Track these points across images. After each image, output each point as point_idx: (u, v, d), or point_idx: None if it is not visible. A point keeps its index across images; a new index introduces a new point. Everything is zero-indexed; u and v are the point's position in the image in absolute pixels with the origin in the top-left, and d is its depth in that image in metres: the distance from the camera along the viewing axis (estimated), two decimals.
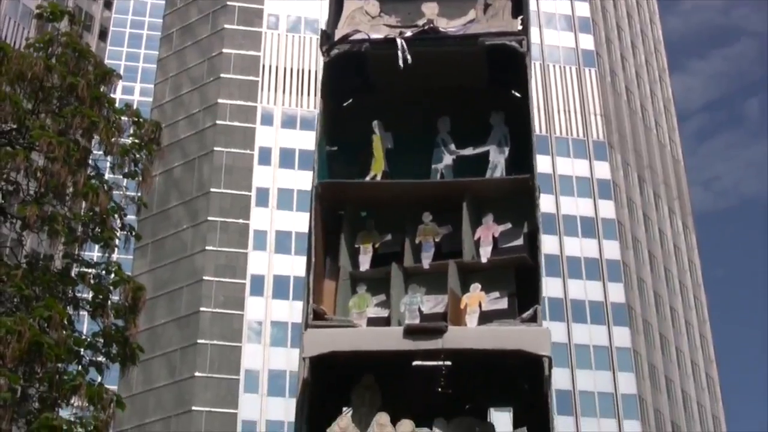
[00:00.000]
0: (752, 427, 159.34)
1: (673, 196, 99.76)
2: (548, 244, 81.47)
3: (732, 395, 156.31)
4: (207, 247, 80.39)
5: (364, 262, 10.59)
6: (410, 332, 9.59)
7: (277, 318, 76.41)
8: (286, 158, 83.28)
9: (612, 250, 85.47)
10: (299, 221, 70.82)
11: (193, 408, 76.18)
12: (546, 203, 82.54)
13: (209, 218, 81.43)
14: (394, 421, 9.72)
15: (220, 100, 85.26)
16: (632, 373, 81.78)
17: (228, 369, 77.43)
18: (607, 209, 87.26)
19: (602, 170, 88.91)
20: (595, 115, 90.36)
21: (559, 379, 78.07)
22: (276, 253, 79.78)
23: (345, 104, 11.47)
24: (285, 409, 69.84)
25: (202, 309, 79.18)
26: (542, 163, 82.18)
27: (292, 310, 74.90)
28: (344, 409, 10.25)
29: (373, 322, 10.14)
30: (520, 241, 10.49)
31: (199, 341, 78.14)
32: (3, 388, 14.52)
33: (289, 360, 71.16)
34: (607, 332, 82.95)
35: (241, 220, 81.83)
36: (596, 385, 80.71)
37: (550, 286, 79.55)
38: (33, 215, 16.94)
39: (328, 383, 10.02)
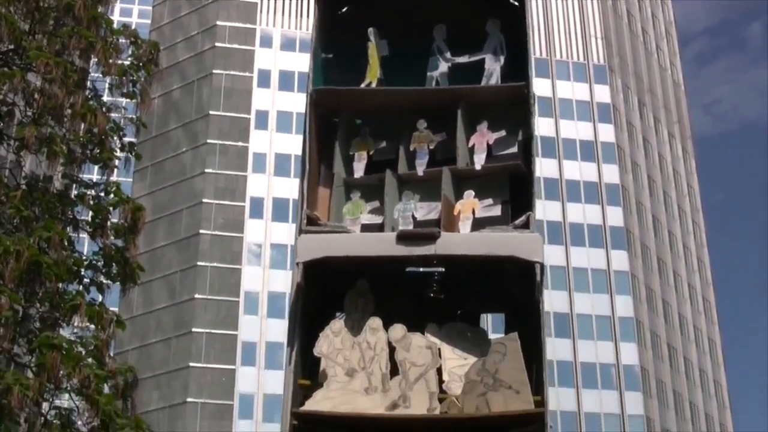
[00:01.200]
0: (749, 351, 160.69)
1: (673, 120, 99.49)
2: (547, 167, 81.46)
3: (728, 318, 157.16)
4: (206, 170, 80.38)
5: (359, 169, 10.61)
6: (403, 238, 9.63)
7: (276, 240, 76.62)
8: (286, 81, 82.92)
9: (611, 174, 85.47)
10: (299, 144, 70.50)
11: (193, 329, 76.70)
12: (545, 127, 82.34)
13: (208, 141, 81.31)
14: (387, 326, 9.81)
15: (218, 22, 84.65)
16: (629, 296, 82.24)
17: (228, 291, 77.85)
18: (607, 133, 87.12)
19: (602, 94, 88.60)
20: (596, 38, 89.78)
21: (557, 302, 78.54)
22: (275, 176, 79.81)
23: (341, 12, 11.41)
24: (284, 331, 70.24)
25: (201, 231, 79.36)
26: (542, 86, 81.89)
27: (292, 233, 74.92)
28: (337, 314, 10.34)
29: (366, 228, 10.18)
30: (514, 149, 10.50)
31: (198, 263, 78.46)
32: (4, 308, 14.58)
33: (288, 282, 71.19)
34: (605, 256, 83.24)
35: (240, 143, 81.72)
36: (594, 308, 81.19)
37: (549, 210, 79.73)
38: (32, 136, 16.89)
39: (321, 290, 10.08)
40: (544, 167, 78.82)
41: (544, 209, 78.54)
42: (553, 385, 73.87)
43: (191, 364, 75.45)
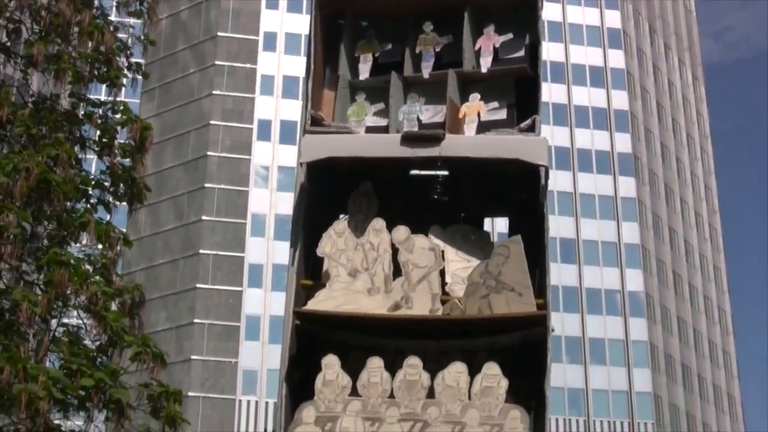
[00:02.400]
0: (754, 279, 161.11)
1: (684, 47, 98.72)
2: (556, 93, 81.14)
3: (734, 246, 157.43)
4: (214, 92, 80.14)
5: (364, 71, 10.51)
6: (408, 139, 9.58)
7: (284, 163, 76.56)
8: (294, 2, 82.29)
9: (620, 100, 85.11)
10: None
11: (200, 251, 77.06)
12: (555, 52, 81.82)
13: (216, 63, 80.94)
14: (390, 228, 9.80)
15: None
16: (636, 223, 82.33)
17: (235, 213, 78.05)
18: (617, 59, 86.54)
19: (613, 19, 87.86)
20: None
21: (563, 227, 78.65)
22: (283, 98, 79.56)
23: None
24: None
25: (209, 153, 79.38)
26: (552, 11, 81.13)
27: None
28: (341, 216, 10.33)
29: (371, 130, 10.11)
30: (521, 53, 10.38)
31: (206, 185, 78.59)
32: (12, 225, 14.58)
33: None
34: (613, 182, 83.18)
35: (248, 65, 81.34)
36: (600, 234, 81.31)
37: (557, 135, 79.52)
38: (40, 54, 16.77)
39: (325, 191, 10.06)
40: (553, 92, 78.48)
41: (552, 135, 78.32)
42: (558, 311, 74.23)
43: (198, 285, 75.90)
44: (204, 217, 78.01)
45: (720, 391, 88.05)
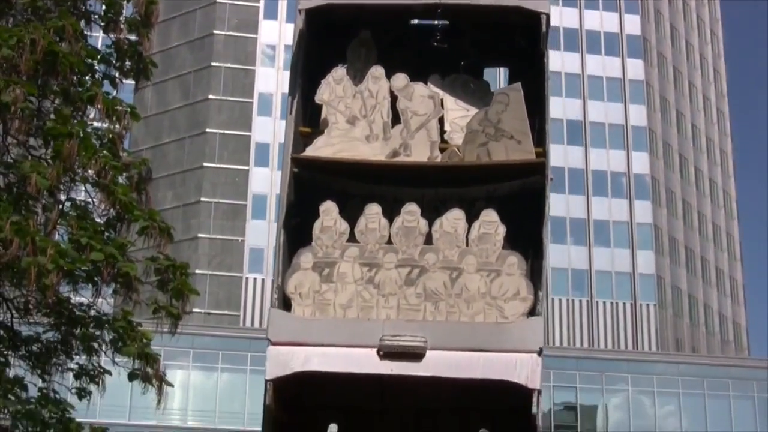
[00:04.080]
0: (760, 165, 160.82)
1: None
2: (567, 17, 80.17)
3: (741, 129, 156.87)
4: None
5: None
6: None
7: (290, 42, 75.89)
8: None
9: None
10: None
11: (207, 130, 77.00)
12: None
13: None
14: (389, 76, 9.74)
15: None
16: (643, 105, 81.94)
17: (241, 92, 77.78)
18: None
19: None
20: None
21: (570, 109, 78.34)
22: None
23: None
24: None
25: (215, 32, 78.75)
26: None
27: None
28: (339, 65, 10.24)
29: None
30: None
31: (212, 64, 78.14)
32: (19, 99, 14.48)
33: None
34: (621, 64, 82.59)
35: None
36: (607, 116, 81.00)
37: (565, 16, 78.65)
38: None
39: (323, 41, 9.96)
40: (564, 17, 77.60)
41: (561, 16, 77.60)
42: (563, 192, 74.36)
43: (205, 164, 76.04)
44: (210, 96, 77.76)
45: (722, 274, 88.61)
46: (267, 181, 74.15)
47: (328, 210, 9.31)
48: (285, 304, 9.08)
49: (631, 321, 77.53)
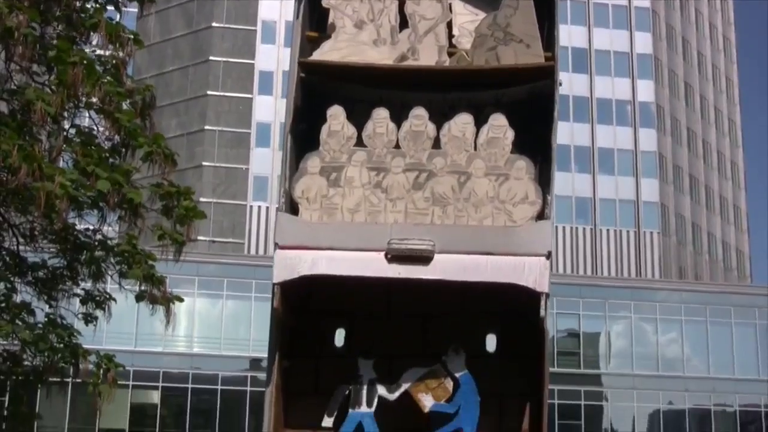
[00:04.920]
0: (763, 90, 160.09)
1: None
2: None
3: (747, 59, 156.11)
4: None
5: None
6: None
7: None
8: None
9: None
10: None
11: (211, 58, 76.65)
12: None
13: None
14: None
15: None
16: (649, 33, 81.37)
17: (245, 20, 77.28)
18: None
19: None
20: None
21: (575, 37, 77.83)
22: None
23: None
24: None
25: None
26: None
27: None
28: None
29: None
30: None
31: None
32: (23, 24, 14.36)
33: None
34: None
35: None
36: (612, 44, 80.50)
37: None
38: None
39: None
40: None
41: None
42: (567, 120, 74.11)
43: (209, 92, 75.78)
44: (214, 24, 77.26)
45: (726, 202, 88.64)
46: (271, 110, 73.95)
47: (336, 114, 9.22)
48: (292, 209, 9.04)
49: (634, 249, 77.73)
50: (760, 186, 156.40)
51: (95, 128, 16.01)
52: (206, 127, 75.18)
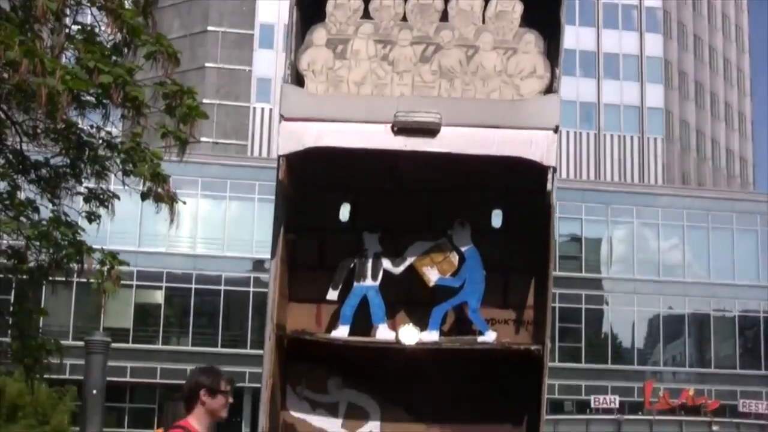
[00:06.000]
0: None
1: None
2: None
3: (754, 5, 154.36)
4: None
5: None
6: None
7: None
8: None
9: None
10: None
11: None
12: None
13: None
14: None
15: None
16: None
17: None
18: None
19: None
20: None
21: None
22: None
23: None
24: None
25: None
26: None
27: None
28: None
29: None
30: None
31: None
32: None
33: None
34: None
35: None
36: None
37: None
38: None
39: None
40: None
41: None
42: (573, 75, 73.38)
43: None
44: None
45: (731, 109, 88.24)
46: (274, 10, 73.18)
47: None
48: (298, 81, 8.96)
49: (638, 154, 77.62)
50: (765, 93, 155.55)
51: (98, 25, 15.82)
52: (209, 28, 74.54)
